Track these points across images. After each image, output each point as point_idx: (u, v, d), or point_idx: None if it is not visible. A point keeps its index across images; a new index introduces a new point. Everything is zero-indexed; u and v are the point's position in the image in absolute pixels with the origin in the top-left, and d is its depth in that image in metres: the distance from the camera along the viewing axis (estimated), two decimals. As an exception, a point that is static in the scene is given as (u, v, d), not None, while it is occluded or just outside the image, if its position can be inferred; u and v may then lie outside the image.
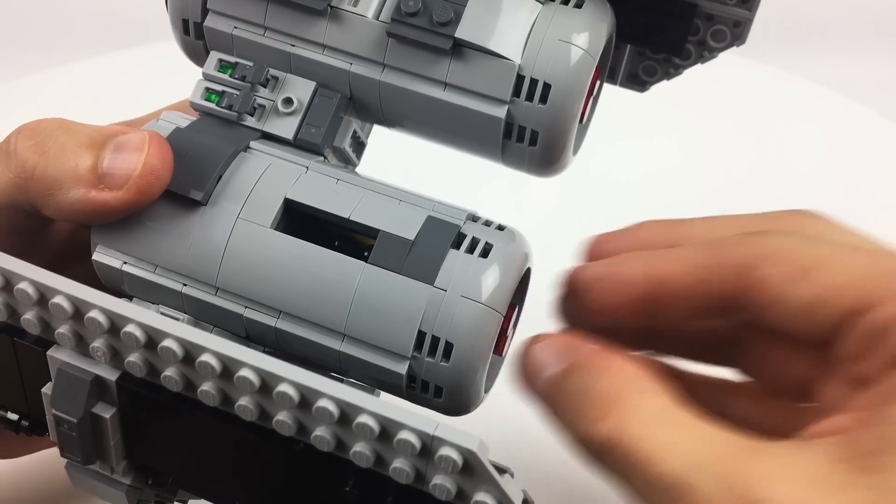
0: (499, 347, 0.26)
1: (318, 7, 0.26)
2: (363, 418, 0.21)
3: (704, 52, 0.29)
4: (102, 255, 0.26)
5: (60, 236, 0.30)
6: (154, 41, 0.30)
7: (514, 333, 0.27)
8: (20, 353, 0.25)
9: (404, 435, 0.21)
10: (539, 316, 0.28)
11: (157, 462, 0.25)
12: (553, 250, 0.30)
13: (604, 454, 0.22)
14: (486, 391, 0.26)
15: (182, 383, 0.23)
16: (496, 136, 0.27)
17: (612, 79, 0.31)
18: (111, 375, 0.24)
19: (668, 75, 0.31)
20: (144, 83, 0.28)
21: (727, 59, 0.30)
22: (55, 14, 0.65)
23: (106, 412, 0.24)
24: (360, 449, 0.22)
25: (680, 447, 0.21)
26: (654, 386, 0.23)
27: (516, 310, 0.27)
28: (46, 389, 0.24)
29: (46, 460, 0.36)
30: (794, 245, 0.24)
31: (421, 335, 0.24)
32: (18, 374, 0.25)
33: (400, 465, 0.22)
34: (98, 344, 0.23)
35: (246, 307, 0.25)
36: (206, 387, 0.23)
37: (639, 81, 0.31)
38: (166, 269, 0.26)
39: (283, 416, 0.22)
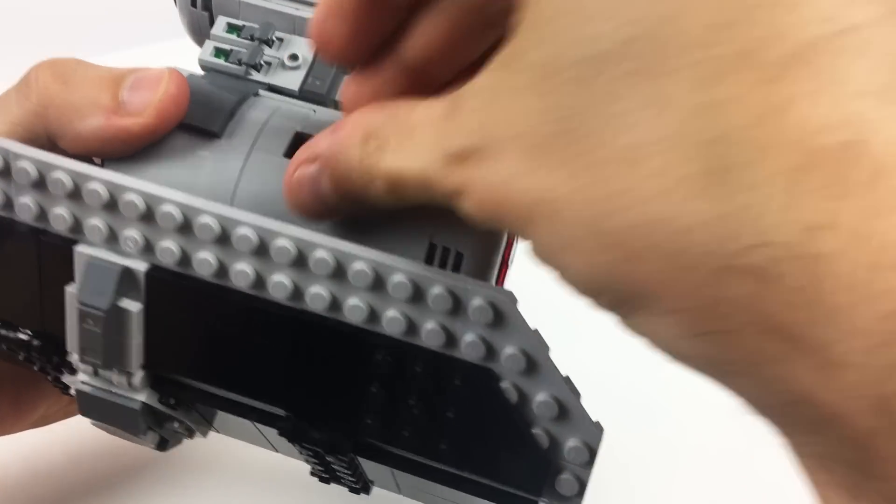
0: (500, 275, 0.27)
1: None
2: (398, 277, 0.23)
3: None
4: None
5: None
6: (154, 41, 0.32)
7: (509, 269, 0.29)
8: (44, 253, 0.25)
9: (437, 290, 0.22)
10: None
11: (176, 367, 0.25)
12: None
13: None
14: None
15: (215, 266, 0.24)
16: None
17: None
18: (140, 267, 0.24)
19: None
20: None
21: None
22: (55, 14, 0.65)
23: (132, 307, 0.24)
24: (393, 314, 0.23)
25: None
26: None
27: (514, 245, 0.29)
28: (71, 288, 0.24)
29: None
30: None
31: (432, 248, 0.25)
32: (37, 279, 0.25)
33: (432, 327, 0.23)
34: (130, 233, 0.24)
35: None
36: (241, 266, 0.23)
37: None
38: None
39: (317, 289, 0.23)
